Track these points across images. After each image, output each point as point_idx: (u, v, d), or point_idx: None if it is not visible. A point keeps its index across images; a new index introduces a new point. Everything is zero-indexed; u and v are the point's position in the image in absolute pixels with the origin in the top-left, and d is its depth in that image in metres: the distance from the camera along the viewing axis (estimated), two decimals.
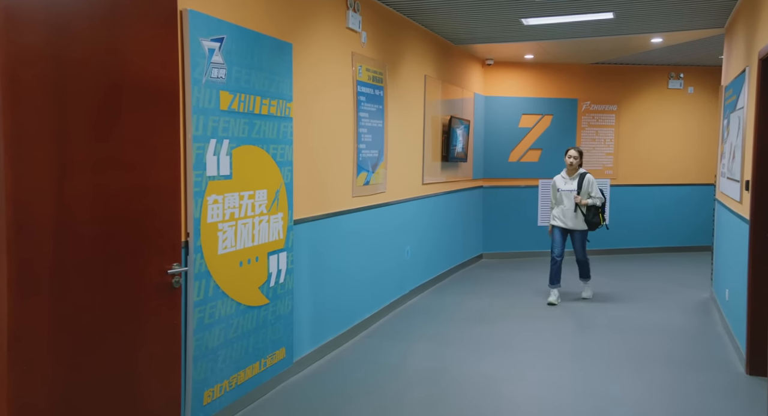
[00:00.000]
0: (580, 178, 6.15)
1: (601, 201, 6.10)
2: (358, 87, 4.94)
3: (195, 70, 3.05)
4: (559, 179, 6.29)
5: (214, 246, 3.24)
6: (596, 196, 6.08)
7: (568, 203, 6.14)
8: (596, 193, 6.09)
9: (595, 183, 6.11)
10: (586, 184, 6.12)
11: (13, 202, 2.11)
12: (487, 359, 4.54)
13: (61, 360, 2.31)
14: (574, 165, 6.16)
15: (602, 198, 6.12)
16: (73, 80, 2.31)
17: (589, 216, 6.09)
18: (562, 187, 6.19)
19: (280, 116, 3.79)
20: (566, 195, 6.15)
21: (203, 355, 3.20)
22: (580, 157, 6.19)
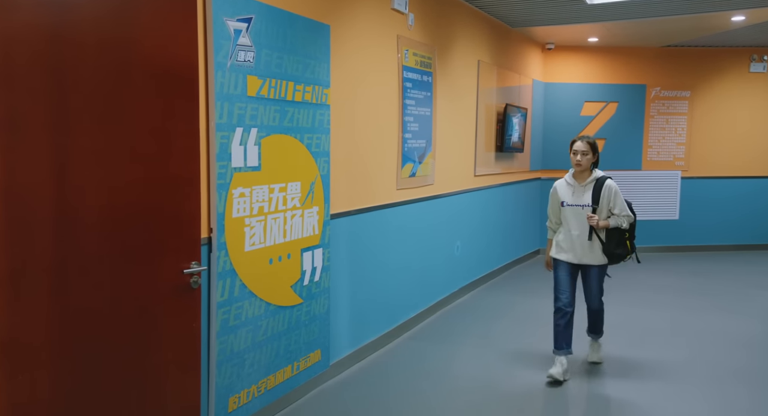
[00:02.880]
0: (597, 185, 3.94)
1: (629, 220, 3.97)
2: (404, 72, 4.63)
3: (219, 53, 2.82)
4: (563, 187, 4.07)
5: (240, 243, 3.02)
6: (623, 214, 3.95)
7: (578, 225, 3.98)
8: (622, 208, 3.95)
9: (620, 193, 4.00)
10: (607, 195, 3.94)
11: (6, 196, 1.93)
12: (542, 367, 4.18)
13: (64, 367, 2.12)
14: (584, 165, 3.93)
15: (631, 216, 3.99)
16: (75, 61, 2.10)
17: (611, 245, 3.94)
18: (569, 200, 4.02)
19: (316, 103, 3.53)
20: (575, 212, 3.99)
21: (228, 359, 3.00)
22: (592, 153, 3.95)
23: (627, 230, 4.00)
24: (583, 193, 3.99)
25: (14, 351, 1.98)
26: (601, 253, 3.98)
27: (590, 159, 3.96)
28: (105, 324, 2.25)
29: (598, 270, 4.03)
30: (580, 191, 4.00)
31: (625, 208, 3.97)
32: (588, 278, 4.08)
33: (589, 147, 3.94)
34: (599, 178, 3.99)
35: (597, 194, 3.94)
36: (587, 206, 3.96)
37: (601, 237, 3.97)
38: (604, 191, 3.95)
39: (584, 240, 3.97)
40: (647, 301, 6.02)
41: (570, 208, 4.01)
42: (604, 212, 3.96)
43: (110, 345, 2.27)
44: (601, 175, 4.02)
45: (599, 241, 3.98)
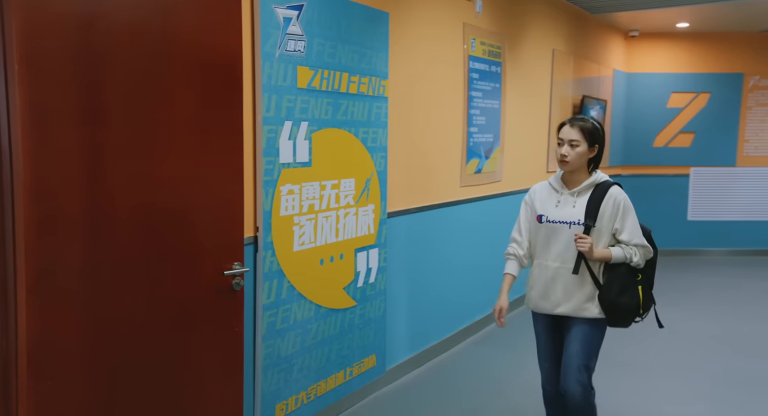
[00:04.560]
0: (596, 194, 2.57)
1: (646, 255, 2.59)
2: (471, 63, 4.36)
3: (267, 43, 2.68)
4: (544, 193, 2.69)
5: (289, 243, 2.87)
6: (634, 243, 2.55)
7: (560, 252, 2.59)
8: (633, 234, 2.56)
9: (633, 210, 2.59)
10: (611, 210, 2.56)
11: (32, 195, 1.83)
12: (618, 382, 3.83)
13: (96, 375, 2.02)
14: (573, 162, 2.56)
15: (648, 248, 2.59)
16: (109, 52, 1.99)
17: (612, 289, 2.53)
18: (550, 213, 2.62)
19: (373, 95, 3.34)
20: (557, 233, 2.60)
21: (275, 364, 2.86)
22: (588, 144, 2.56)
23: (640, 270, 2.57)
24: (572, 203, 2.56)
25: (45, 356, 1.90)
26: (593, 300, 2.54)
27: (584, 153, 2.53)
28: (141, 327, 2.14)
29: (587, 329, 2.54)
30: (568, 201, 2.57)
31: (639, 234, 2.55)
32: (568, 340, 2.57)
33: (581, 134, 2.51)
34: (600, 184, 2.56)
35: (595, 207, 2.52)
36: (577, 224, 2.53)
37: (595, 272, 2.55)
38: (606, 203, 2.52)
39: (566, 276, 2.54)
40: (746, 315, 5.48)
41: (550, 225, 2.58)
42: (604, 236, 2.54)
43: (147, 351, 2.16)
44: (603, 180, 2.58)
45: (592, 280, 2.54)
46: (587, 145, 2.55)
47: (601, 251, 2.54)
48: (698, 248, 7.84)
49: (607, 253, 2.54)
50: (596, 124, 2.61)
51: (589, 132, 2.55)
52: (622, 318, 2.58)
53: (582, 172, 2.61)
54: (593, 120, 2.62)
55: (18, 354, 1.87)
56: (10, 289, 1.87)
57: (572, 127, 2.56)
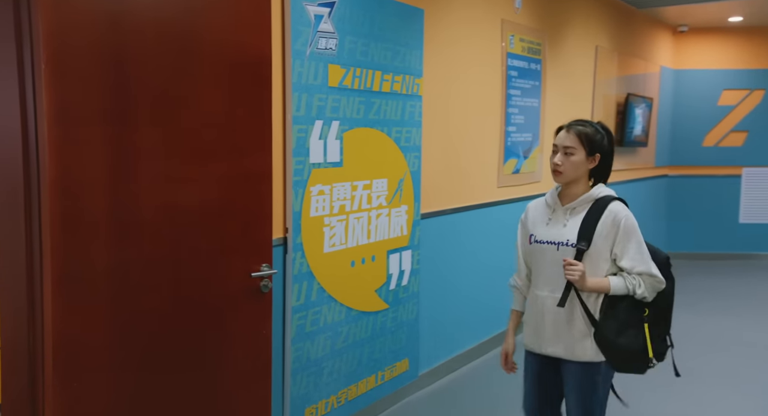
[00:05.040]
0: (593, 210, 2.16)
1: (654, 287, 2.14)
2: (509, 60, 4.25)
3: (297, 41, 2.64)
4: (538, 210, 2.30)
5: (319, 244, 2.82)
6: (637, 272, 2.12)
7: (549, 279, 2.19)
8: (637, 260, 2.12)
9: (637, 232, 2.16)
10: (608, 230, 2.13)
11: (58, 193, 1.82)
12: (665, 392, 3.67)
13: (122, 376, 2.01)
14: (567, 172, 2.15)
15: (659, 278, 2.13)
16: (135, 50, 1.96)
17: (610, 327, 2.11)
18: (540, 233, 2.23)
19: (406, 94, 3.27)
20: (546, 255, 2.21)
21: (304, 368, 2.82)
22: (586, 151, 2.15)
23: (648, 305, 2.13)
24: (565, 221, 2.16)
25: (71, 355, 1.88)
26: (588, 339, 2.11)
27: (580, 162, 2.12)
28: (166, 329, 2.12)
29: (583, 376, 2.15)
30: (560, 218, 2.18)
31: (645, 261, 2.10)
32: (566, 391, 2.22)
33: (578, 140, 2.12)
34: (599, 199, 2.15)
35: (590, 226, 2.11)
36: (566, 245, 2.13)
37: (589, 306, 2.12)
38: (603, 223, 2.11)
39: (555, 308, 2.14)
40: None
41: (537, 247, 2.20)
42: (601, 262, 2.12)
43: (173, 352, 2.14)
44: (603, 195, 2.16)
45: (583, 314, 2.12)
46: (585, 154, 2.13)
47: (597, 280, 2.10)
48: (750, 252, 7.49)
49: (603, 283, 2.10)
50: (599, 129, 2.19)
51: (588, 138, 2.13)
52: (627, 363, 2.13)
53: (579, 185, 2.17)
54: (597, 125, 2.21)
55: (45, 352, 1.86)
56: (36, 286, 1.87)
57: (568, 132, 2.16)
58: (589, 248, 2.12)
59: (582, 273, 2.07)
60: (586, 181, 2.20)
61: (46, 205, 1.81)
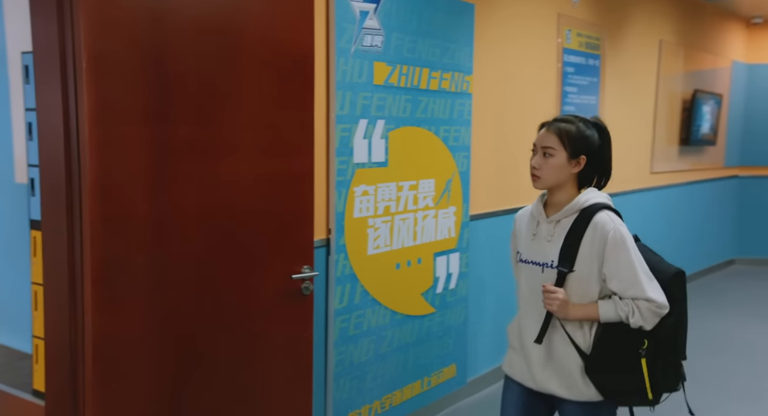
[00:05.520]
0: (578, 222, 1.81)
1: (653, 314, 1.75)
2: (565, 56, 4.08)
3: (341, 38, 2.58)
4: (524, 218, 2.03)
5: (363, 246, 2.76)
6: (629, 295, 1.76)
7: (530, 304, 1.93)
8: (630, 282, 1.76)
9: (631, 247, 1.77)
10: (590, 245, 1.78)
11: (98, 193, 1.82)
12: (731, 408, 3.44)
13: (160, 376, 2.00)
14: (546, 177, 1.84)
15: (660, 303, 1.75)
16: (176, 48, 1.94)
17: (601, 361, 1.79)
18: (524, 250, 1.96)
19: (455, 92, 3.17)
20: (530, 276, 1.93)
21: (347, 372, 2.76)
22: (569, 153, 1.81)
23: (647, 334, 1.78)
24: (549, 236, 1.86)
25: (110, 353, 1.88)
26: (577, 374, 1.81)
27: (560, 166, 1.81)
28: (204, 332, 2.09)
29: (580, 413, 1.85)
30: (544, 232, 1.88)
31: (641, 283, 1.75)
32: None
33: (558, 140, 1.81)
34: (586, 208, 1.81)
35: (572, 243, 1.79)
36: (551, 267, 1.83)
37: (575, 338, 1.82)
38: (588, 237, 1.78)
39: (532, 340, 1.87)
40: None
41: (525, 267, 1.95)
42: (591, 284, 1.80)
43: (211, 354, 2.12)
44: (591, 202, 1.82)
45: (571, 347, 1.82)
46: (567, 155, 1.80)
47: (583, 307, 1.79)
48: None
49: (591, 310, 1.78)
50: (587, 126, 1.84)
51: (571, 137, 1.80)
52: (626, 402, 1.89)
53: (564, 193, 1.85)
54: (586, 121, 1.86)
55: (85, 349, 1.87)
56: (77, 284, 1.87)
57: (548, 130, 1.85)
58: (573, 269, 1.79)
59: (561, 302, 1.77)
60: (573, 187, 1.85)
61: (87, 204, 1.81)
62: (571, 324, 1.83)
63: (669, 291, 1.78)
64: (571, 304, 1.80)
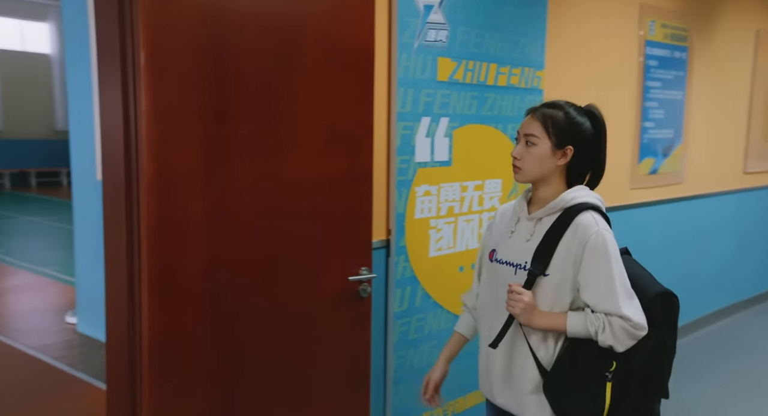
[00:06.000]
0: (560, 221, 1.61)
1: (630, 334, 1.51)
2: (648, 48, 3.83)
3: (404, 33, 2.50)
4: (506, 214, 1.81)
5: (424, 248, 2.68)
6: (601, 309, 1.53)
7: (495, 309, 1.72)
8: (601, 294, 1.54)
9: (607, 253, 1.55)
10: (568, 248, 1.58)
11: (155, 193, 1.83)
12: None
13: (215, 378, 1.99)
14: (527, 169, 1.65)
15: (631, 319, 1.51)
16: (234, 45, 1.92)
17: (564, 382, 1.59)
18: (501, 250, 1.73)
19: (525, 88, 3.03)
20: (499, 276, 1.71)
21: (407, 377, 2.69)
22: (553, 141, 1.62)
23: (618, 356, 1.55)
24: (528, 235, 1.67)
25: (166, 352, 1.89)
26: (533, 392, 1.64)
27: (543, 156, 1.63)
28: (260, 330, 2.08)
29: None
30: (524, 230, 1.69)
31: (616, 297, 1.53)
32: None
33: (542, 127, 1.63)
34: (571, 207, 1.62)
35: (550, 244, 1.61)
36: (525, 268, 1.64)
37: (536, 350, 1.64)
38: (567, 239, 1.59)
39: (508, 346, 1.69)
40: None
41: (497, 267, 1.73)
42: (564, 292, 1.60)
43: (265, 355, 2.10)
44: (577, 201, 1.62)
45: (532, 361, 1.64)
46: (552, 145, 1.62)
47: (550, 316, 1.59)
48: None
49: (557, 321, 1.58)
50: (578, 113, 1.64)
51: (557, 124, 1.61)
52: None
53: (549, 188, 1.65)
54: (578, 108, 1.66)
55: (142, 348, 1.88)
56: (135, 284, 1.89)
57: (533, 116, 1.66)
58: (546, 273, 1.59)
59: (526, 305, 1.57)
60: (559, 182, 1.66)
61: (144, 203, 1.82)
62: (536, 336, 1.63)
63: (650, 312, 1.56)
64: (537, 310, 1.60)
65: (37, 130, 15.15)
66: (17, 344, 4.30)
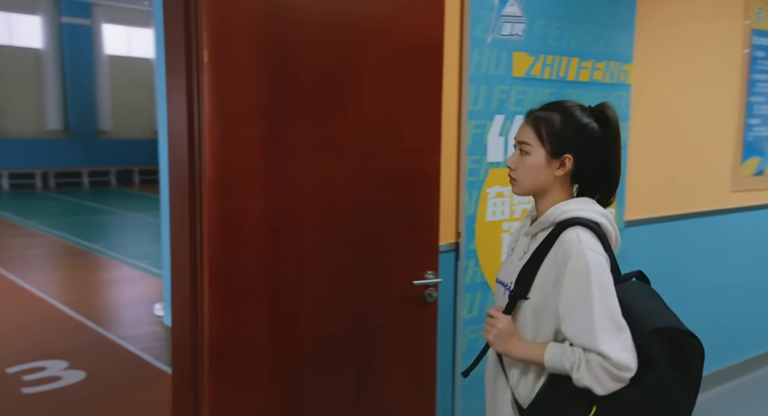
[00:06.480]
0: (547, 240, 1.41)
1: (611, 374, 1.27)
2: (754, 38, 3.50)
3: (476, 27, 2.40)
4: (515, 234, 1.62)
5: (496, 252, 2.55)
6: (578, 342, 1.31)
7: None
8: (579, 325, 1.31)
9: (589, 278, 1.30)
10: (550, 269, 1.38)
11: (217, 190, 1.83)
12: None
13: (276, 380, 1.98)
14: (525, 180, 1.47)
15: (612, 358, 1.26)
16: (296, 43, 1.90)
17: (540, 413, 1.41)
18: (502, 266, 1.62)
19: (610, 83, 2.83)
20: (497, 295, 1.60)
21: (476, 384, 2.58)
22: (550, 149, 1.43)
23: (599, 400, 1.31)
24: (522, 253, 1.51)
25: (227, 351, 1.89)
26: None
27: (538, 167, 1.45)
28: (320, 333, 2.04)
29: None
30: (520, 249, 1.53)
31: (596, 331, 1.29)
32: None
33: (534, 134, 1.45)
34: (561, 222, 1.41)
35: (534, 264, 1.43)
36: (509, 288, 1.49)
37: (513, 386, 1.48)
38: (549, 258, 1.40)
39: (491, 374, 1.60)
40: None
41: (497, 287, 1.61)
42: (547, 319, 1.41)
43: (326, 358, 2.06)
44: (569, 215, 1.41)
45: (509, 394, 1.49)
46: (547, 154, 1.43)
47: (528, 345, 1.42)
48: None
49: (535, 351, 1.39)
50: (582, 115, 1.43)
51: (551, 130, 1.42)
52: None
53: (549, 200, 1.47)
54: (584, 109, 1.45)
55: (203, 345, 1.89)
56: (198, 282, 1.91)
57: (526, 122, 1.48)
58: (528, 296, 1.41)
59: (499, 331, 1.44)
60: (560, 194, 1.46)
61: (206, 202, 1.83)
62: (516, 369, 1.47)
63: (643, 350, 1.30)
64: (516, 338, 1.44)
65: (140, 131, 16.11)
66: (110, 334, 4.54)
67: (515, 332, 1.45)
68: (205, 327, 1.87)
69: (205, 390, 1.89)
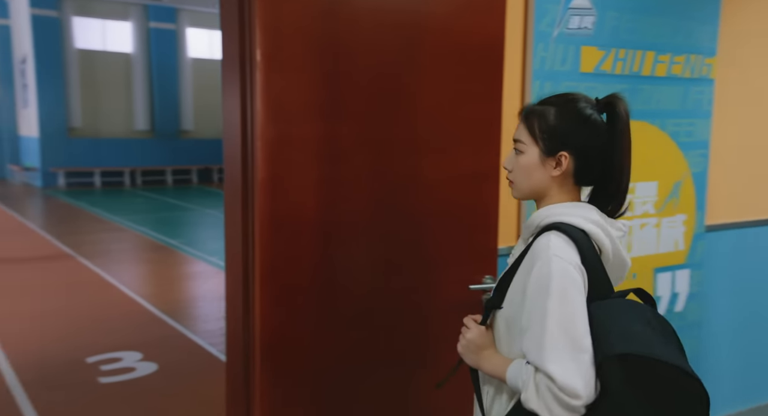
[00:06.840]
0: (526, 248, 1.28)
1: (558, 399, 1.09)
2: None
3: (541, 21, 2.29)
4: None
5: None
6: (530, 360, 1.15)
7: None
8: (534, 341, 1.15)
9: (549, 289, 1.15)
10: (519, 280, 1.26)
11: (269, 190, 1.83)
12: None
13: (324, 381, 1.96)
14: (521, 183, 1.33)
15: (561, 383, 1.08)
16: (350, 39, 1.87)
17: None
18: None
19: (690, 78, 2.65)
20: None
21: None
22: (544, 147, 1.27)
23: None
24: (512, 259, 1.39)
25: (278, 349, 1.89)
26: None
27: (532, 167, 1.30)
28: (371, 335, 2.01)
29: None
30: (517, 251, 1.38)
31: (546, 348, 1.12)
32: None
33: (527, 132, 1.30)
34: (546, 226, 1.25)
35: (511, 271, 1.31)
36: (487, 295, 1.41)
37: (485, 406, 1.37)
38: (523, 266, 1.26)
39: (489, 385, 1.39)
40: None
41: None
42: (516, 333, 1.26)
43: (377, 361, 2.02)
44: (552, 220, 1.25)
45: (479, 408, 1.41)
46: (541, 152, 1.28)
47: (497, 360, 1.30)
48: None
49: (501, 367, 1.27)
50: (586, 108, 1.26)
51: (544, 126, 1.27)
52: None
53: (547, 203, 1.31)
54: (588, 101, 1.28)
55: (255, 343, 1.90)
56: (250, 279, 1.91)
57: (519, 118, 1.34)
58: (502, 305, 1.30)
59: (468, 342, 1.34)
60: (559, 197, 1.29)
61: (258, 201, 1.83)
62: (490, 386, 1.35)
63: (602, 376, 1.12)
64: (488, 351, 1.32)
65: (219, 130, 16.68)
66: (182, 328, 4.70)
67: (488, 344, 1.33)
68: (257, 324, 1.88)
69: (257, 385, 1.89)
